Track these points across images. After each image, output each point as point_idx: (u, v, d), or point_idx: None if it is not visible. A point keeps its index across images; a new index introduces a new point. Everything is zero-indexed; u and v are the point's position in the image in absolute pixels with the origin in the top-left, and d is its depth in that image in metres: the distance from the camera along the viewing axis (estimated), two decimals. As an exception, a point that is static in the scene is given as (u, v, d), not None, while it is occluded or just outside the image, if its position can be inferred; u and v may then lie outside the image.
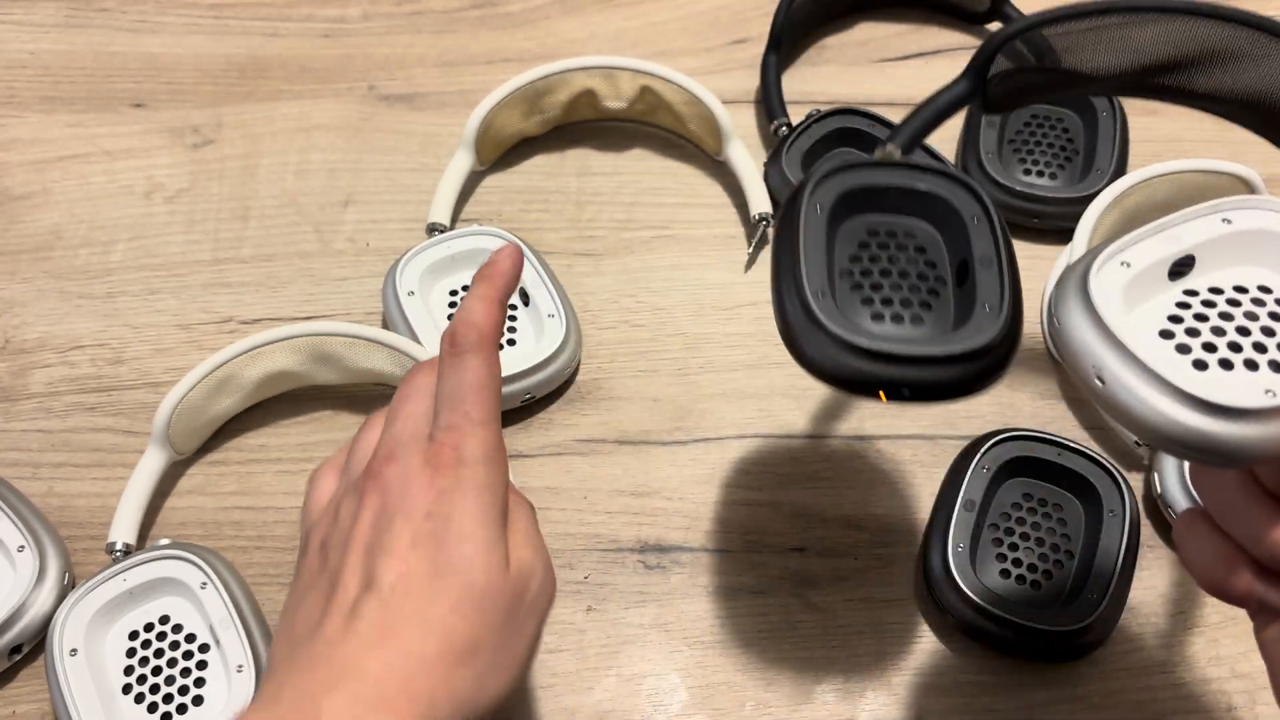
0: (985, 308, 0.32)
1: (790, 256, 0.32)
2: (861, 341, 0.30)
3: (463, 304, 0.36)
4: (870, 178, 0.34)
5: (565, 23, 0.66)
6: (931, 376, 0.31)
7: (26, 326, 0.52)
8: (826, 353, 0.31)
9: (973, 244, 0.33)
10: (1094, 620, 0.41)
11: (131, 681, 0.41)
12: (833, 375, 0.31)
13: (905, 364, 0.31)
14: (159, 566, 0.42)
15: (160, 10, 0.66)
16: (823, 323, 0.31)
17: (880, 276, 0.33)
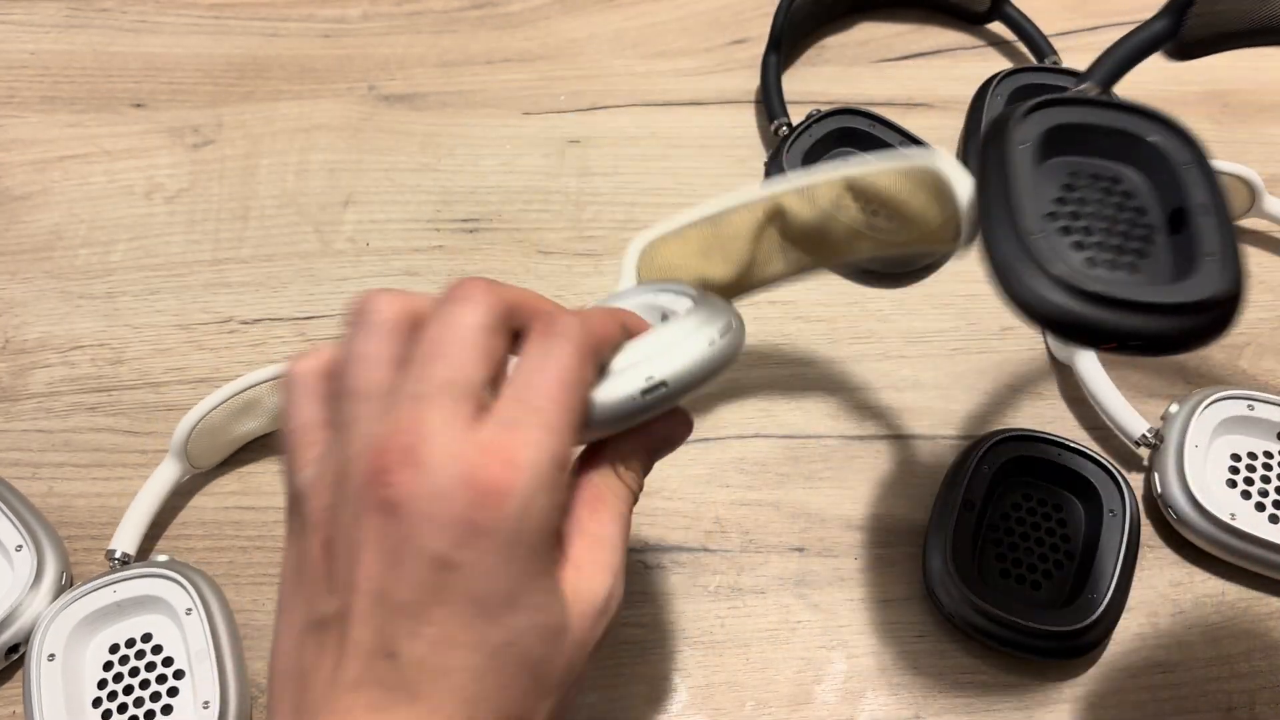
0: (1209, 257, 0.30)
1: (1001, 193, 0.30)
2: (1091, 285, 0.29)
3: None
4: (1075, 115, 0.33)
5: (565, 23, 0.66)
6: (1161, 327, 0.29)
7: (27, 326, 0.53)
8: (1048, 296, 0.29)
9: (1188, 191, 0.31)
10: (1094, 620, 0.41)
11: (102, 696, 0.40)
12: (1057, 320, 0.29)
13: (1135, 311, 0.29)
14: (150, 584, 0.42)
15: (160, 10, 0.66)
16: (1044, 264, 0.29)
17: (1089, 220, 0.31)
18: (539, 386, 0.27)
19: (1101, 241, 0.31)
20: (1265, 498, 0.44)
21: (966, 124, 0.58)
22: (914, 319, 0.53)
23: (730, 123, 0.61)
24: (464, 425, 0.26)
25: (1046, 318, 0.29)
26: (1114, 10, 0.65)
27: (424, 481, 0.25)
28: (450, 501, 0.24)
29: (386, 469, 0.25)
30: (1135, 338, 0.29)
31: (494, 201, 0.57)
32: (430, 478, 0.25)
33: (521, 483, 0.25)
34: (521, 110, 0.61)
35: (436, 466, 0.25)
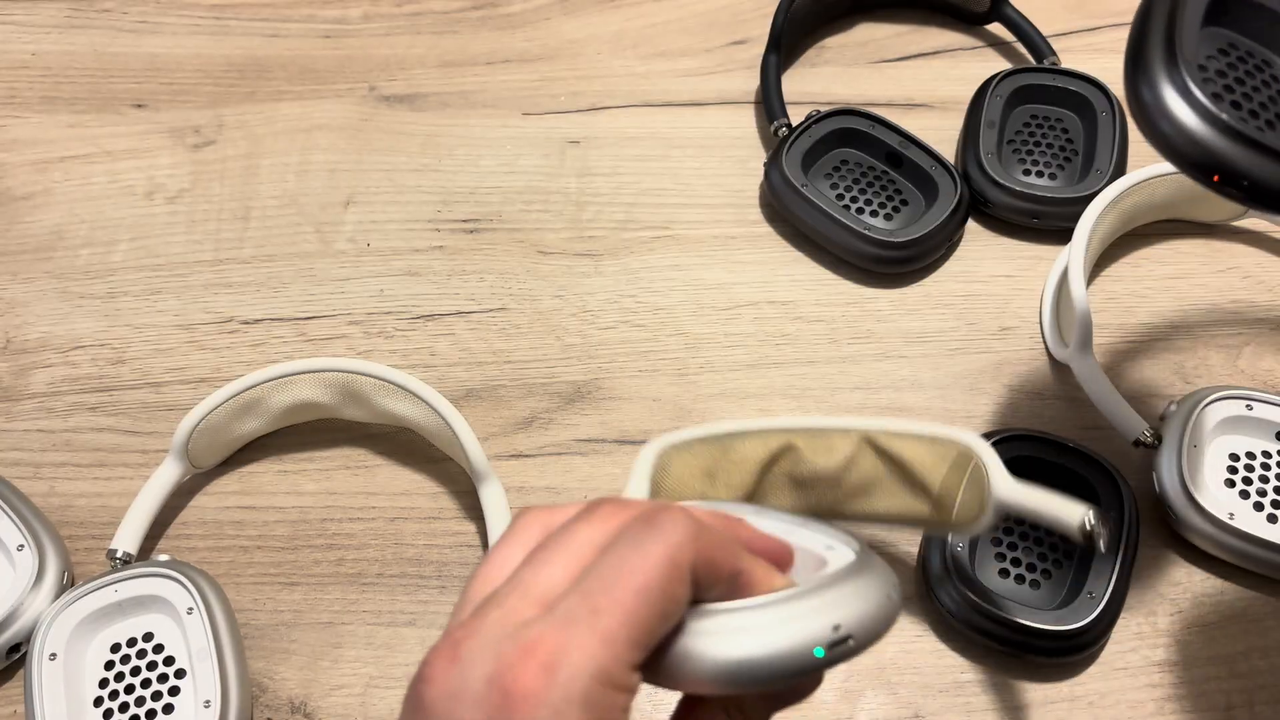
0: None
1: (1166, 24, 0.31)
2: (1233, 121, 0.29)
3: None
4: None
5: (566, 23, 0.66)
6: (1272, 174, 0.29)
7: (28, 326, 0.53)
8: (1184, 123, 0.29)
9: None
10: (1092, 620, 0.41)
11: (104, 695, 0.41)
12: (1183, 148, 0.30)
13: (1261, 154, 0.29)
14: (151, 583, 0.42)
15: (161, 11, 0.66)
16: (1191, 89, 0.29)
17: (1234, 83, 0.32)
18: (610, 586, 0.23)
19: (1241, 103, 0.31)
20: (1264, 497, 0.45)
21: (966, 124, 0.58)
22: (913, 319, 0.53)
23: (730, 123, 0.61)
24: (518, 620, 0.23)
25: (1184, 142, 0.30)
26: (1113, 10, 0.65)
27: (454, 678, 0.22)
28: (477, 706, 0.22)
29: (429, 662, 0.23)
30: (1247, 178, 0.29)
31: (494, 202, 0.57)
32: (461, 674, 0.22)
33: (553, 694, 0.22)
34: (522, 111, 0.61)
35: (470, 662, 0.22)
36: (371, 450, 0.49)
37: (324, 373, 0.46)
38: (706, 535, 0.24)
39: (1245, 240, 0.55)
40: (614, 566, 0.23)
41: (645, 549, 0.23)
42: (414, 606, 0.45)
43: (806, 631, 0.24)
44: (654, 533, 0.24)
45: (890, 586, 0.26)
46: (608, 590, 0.23)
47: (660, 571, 0.23)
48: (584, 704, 0.22)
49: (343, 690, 0.43)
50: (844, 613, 0.25)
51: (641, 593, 0.23)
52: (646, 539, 0.24)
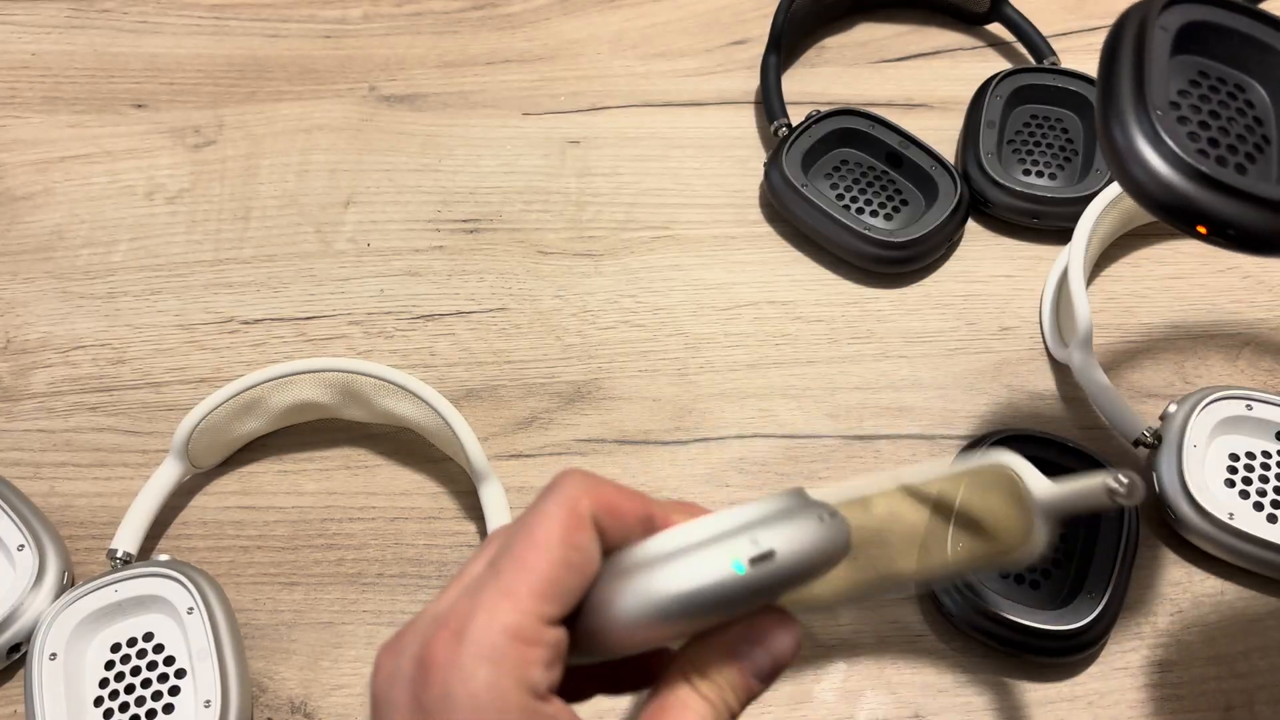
0: None
1: (1134, 69, 0.31)
2: (1201, 165, 0.29)
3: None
4: (1214, 15, 0.33)
5: (566, 24, 0.66)
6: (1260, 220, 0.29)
7: (28, 326, 0.53)
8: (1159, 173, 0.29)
9: None
10: (1092, 620, 0.41)
11: (104, 695, 0.41)
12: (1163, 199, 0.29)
13: (1237, 199, 0.29)
14: (151, 583, 0.42)
15: (161, 11, 0.66)
16: (1163, 137, 0.29)
17: (1207, 117, 0.31)
18: (513, 548, 0.24)
19: (1215, 138, 0.31)
20: (1264, 497, 0.45)
21: (966, 125, 0.58)
22: (913, 319, 0.53)
23: (730, 123, 0.61)
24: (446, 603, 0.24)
25: (1153, 190, 0.29)
26: (1113, 10, 0.65)
27: (390, 664, 0.24)
28: (404, 683, 0.23)
29: (378, 654, 0.25)
30: (1231, 226, 0.29)
31: (494, 202, 0.58)
32: (396, 660, 0.24)
33: (462, 656, 0.23)
34: (522, 111, 0.61)
35: (404, 649, 0.24)
36: (371, 450, 0.49)
37: (324, 373, 0.46)
38: (606, 485, 0.25)
39: (1245, 240, 0.55)
40: (517, 528, 0.24)
41: (540, 508, 0.24)
42: (414, 606, 0.45)
43: (721, 549, 0.23)
44: (548, 493, 0.25)
45: (822, 510, 0.25)
46: (509, 550, 0.24)
47: (555, 521, 0.24)
48: (492, 659, 0.22)
49: (343, 690, 0.43)
50: (764, 530, 0.23)
51: (538, 546, 0.24)
52: (542, 500, 0.25)
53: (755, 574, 0.23)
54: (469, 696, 0.22)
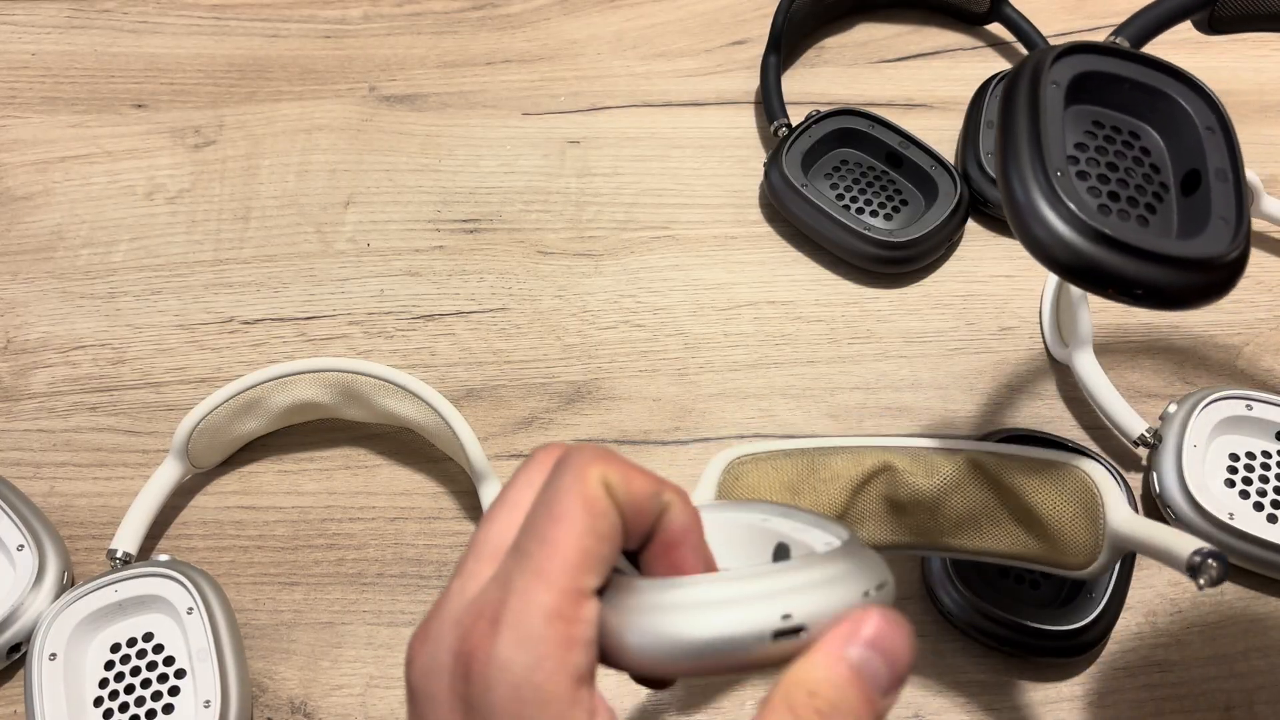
0: (1221, 220, 0.31)
1: (1030, 129, 0.30)
2: (1103, 227, 0.29)
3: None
4: (1105, 65, 0.33)
5: (566, 24, 0.66)
6: (1165, 278, 0.29)
7: (28, 326, 0.53)
8: (1062, 235, 0.29)
9: (1207, 154, 0.32)
10: (1092, 620, 0.41)
11: (104, 695, 0.41)
12: (1067, 261, 0.29)
13: (1142, 259, 0.29)
14: (151, 583, 0.42)
15: (161, 11, 0.66)
16: (1064, 200, 0.29)
17: (1107, 169, 0.31)
18: (536, 528, 0.23)
19: (1115, 191, 0.31)
20: (1264, 497, 0.45)
21: (965, 125, 0.58)
22: (913, 319, 0.53)
23: (730, 123, 0.61)
24: (475, 585, 0.23)
25: (1058, 253, 0.29)
26: (1112, 11, 0.65)
27: (426, 656, 0.23)
28: (444, 675, 0.23)
29: (409, 646, 0.24)
30: (1138, 285, 0.29)
31: (494, 202, 0.58)
32: (432, 651, 0.23)
33: (502, 644, 0.22)
34: (522, 111, 0.61)
35: (438, 639, 0.23)
36: (372, 450, 0.49)
37: (324, 373, 0.46)
38: (615, 456, 0.24)
39: (1245, 240, 0.55)
40: (536, 510, 0.23)
41: (557, 482, 0.23)
42: (414, 606, 0.45)
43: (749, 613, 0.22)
44: (563, 465, 0.24)
45: (873, 581, 0.23)
46: (532, 530, 0.23)
47: (575, 493, 0.23)
48: (534, 643, 0.22)
49: (343, 690, 0.43)
50: (800, 597, 0.22)
51: (562, 519, 0.23)
52: (558, 473, 0.24)
53: (780, 646, 0.22)
54: (511, 687, 0.22)
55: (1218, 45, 0.64)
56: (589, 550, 0.23)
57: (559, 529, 0.23)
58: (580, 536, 0.23)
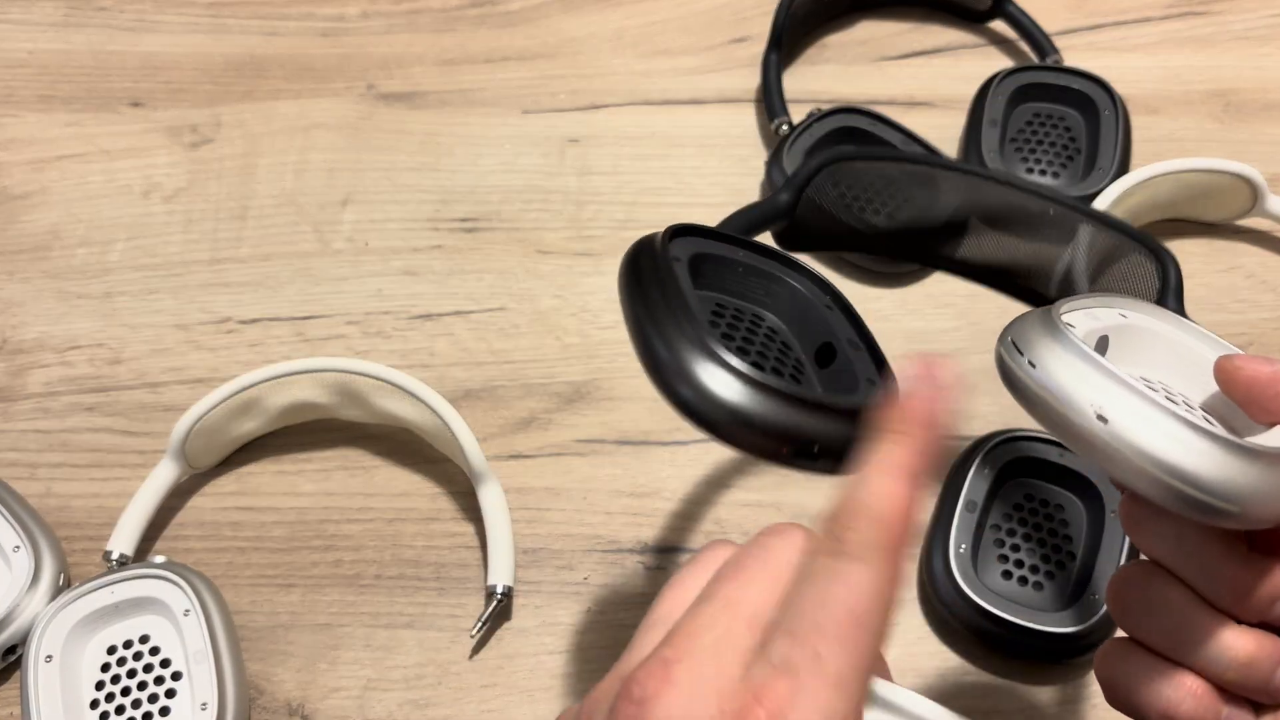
0: (868, 383, 0.31)
1: (666, 295, 0.28)
2: (770, 381, 0.26)
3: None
4: (715, 248, 0.32)
5: (565, 21, 0.65)
6: (845, 431, 0.27)
7: (24, 326, 0.52)
8: (720, 392, 0.26)
9: (834, 328, 0.32)
10: (1096, 621, 0.41)
11: (100, 697, 0.40)
12: (727, 418, 0.26)
13: (818, 412, 0.27)
14: (147, 585, 0.42)
15: (158, 9, 0.66)
16: (718, 353, 0.26)
17: (743, 343, 0.30)
18: (821, 624, 0.22)
19: (758, 362, 0.30)
20: (1268, 498, 0.44)
21: (968, 123, 0.58)
22: (915, 319, 0.53)
23: (731, 122, 0.61)
24: (736, 658, 0.22)
25: (716, 412, 0.26)
26: (1114, 9, 0.65)
27: (675, 705, 0.21)
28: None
29: (640, 681, 0.22)
30: (814, 439, 0.27)
31: (493, 201, 0.57)
32: (684, 698, 0.21)
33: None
34: (521, 109, 0.61)
35: (691, 694, 0.21)
36: (369, 451, 0.49)
37: (322, 373, 0.46)
38: (908, 527, 0.23)
39: (1248, 239, 0.55)
40: (819, 599, 0.22)
41: (846, 575, 0.22)
42: (412, 608, 0.44)
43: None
44: (846, 551, 0.23)
45: None
46: (822, 630, 0.22)
47: (872, 587, 0.22)
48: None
49: (340, 692, 0.42)
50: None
51: (861, 618, 0.22)
52: (839, 568, 0.22)
53: None
54: None
55: (1219, 45, 0.63)
56: (873, 669, 0.23)
57: (862, 636, 0.22)
58: (875, 643, 0.22)
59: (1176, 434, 0.24)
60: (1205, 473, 0.24)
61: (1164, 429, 0.24)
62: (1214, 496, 0.24)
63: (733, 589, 0.23)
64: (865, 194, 0.39)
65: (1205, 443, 0.24)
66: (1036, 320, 0.27)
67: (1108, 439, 0.24)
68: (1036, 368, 0.26)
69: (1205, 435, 0.24)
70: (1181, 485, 0.24)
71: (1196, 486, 0.24)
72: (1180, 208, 0.54)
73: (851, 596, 0.22)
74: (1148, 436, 0.24)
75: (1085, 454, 0.25)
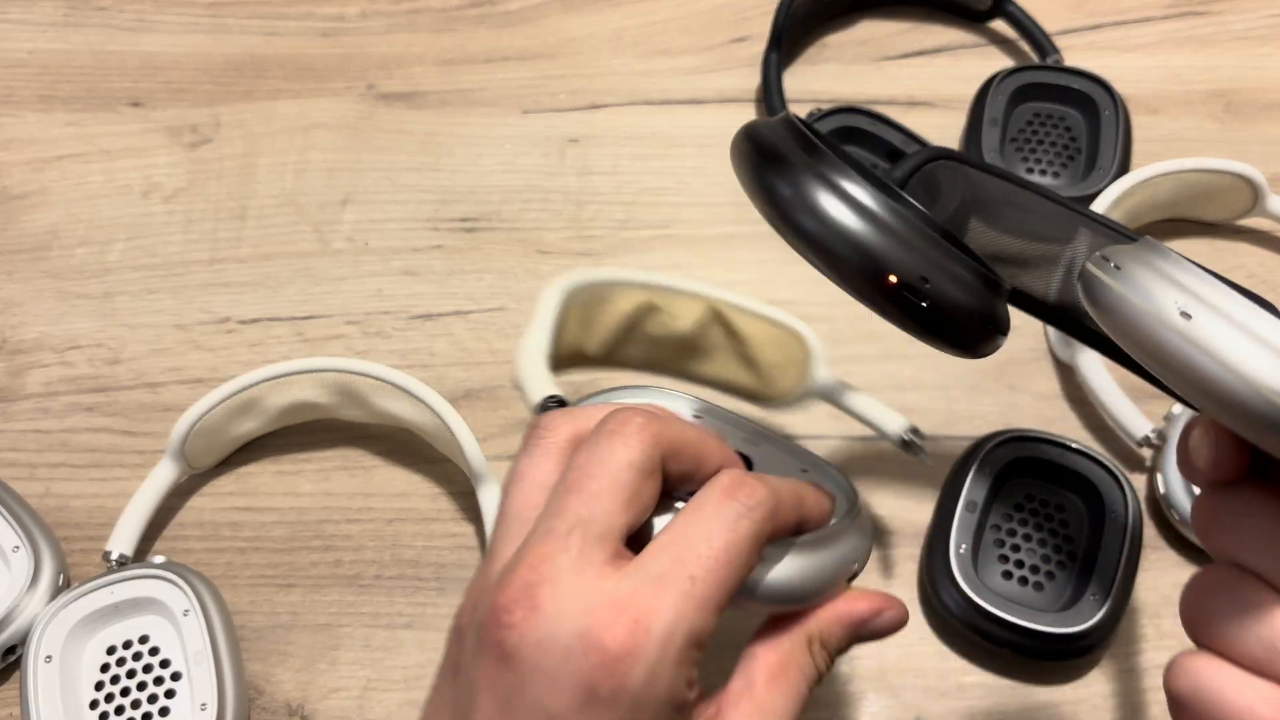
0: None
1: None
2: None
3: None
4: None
5: (565, 21, 0.65)
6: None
7: (24, 326, 0.52)
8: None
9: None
10: (1096, 622, 0.41)
11: (99, 698, 0.40)
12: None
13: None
14: (147, 585, 0.42)
15: (158, 9, 0.66)
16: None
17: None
18: (700, 550, 0.24)
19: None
20: (1268, 498, 0.44)
21: (968, 123, 0.58)
22: (915, 319, 0.53)
23: (731, 122, 0.60)
24: (595, 572, 0.24)
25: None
26: (1114, 9, 0.65)
27: (542, 629, 0.23)
28: (569, 659, 0.22)
29: (506, 608, 0.23)
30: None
31: (493, 201, 0.57)
32: (549, 625, 0.23)
33: (649, 651, 0.22)
34: (521, 109, 0.61)
35: (557, 614, 0.23)
36: (369, 451, 0.49)
37: (321, 373, 0.46)
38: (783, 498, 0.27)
39: (1249, 239, 0.55)
40: (704, 531, 0.25)
41: (733, 516, 0.25)
42: (412, 609, 0.44)
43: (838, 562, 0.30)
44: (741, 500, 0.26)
45: (854, 564, 0.32)
46: (700, 555, 0.24)
47: (749, 538, 0.25)
48: (677, 662, 0.23)
49: (340, 693, 0.42)
50: (859, 551, 0.31)
51: (731, 561, 0.24)
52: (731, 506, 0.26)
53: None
54: (651, 698, 0.22)
55: (1221, 44, 0.63)
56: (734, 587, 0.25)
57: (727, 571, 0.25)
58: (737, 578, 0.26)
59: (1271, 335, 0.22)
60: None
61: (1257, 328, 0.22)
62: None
63: (582, 506, 0.25)
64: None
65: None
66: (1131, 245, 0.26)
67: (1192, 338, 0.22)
68: (1121, 270, 0.24)
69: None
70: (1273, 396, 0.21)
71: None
72: (1180, 208, 0.54)
73: (732, 537, 0.25)
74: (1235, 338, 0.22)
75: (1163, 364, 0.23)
